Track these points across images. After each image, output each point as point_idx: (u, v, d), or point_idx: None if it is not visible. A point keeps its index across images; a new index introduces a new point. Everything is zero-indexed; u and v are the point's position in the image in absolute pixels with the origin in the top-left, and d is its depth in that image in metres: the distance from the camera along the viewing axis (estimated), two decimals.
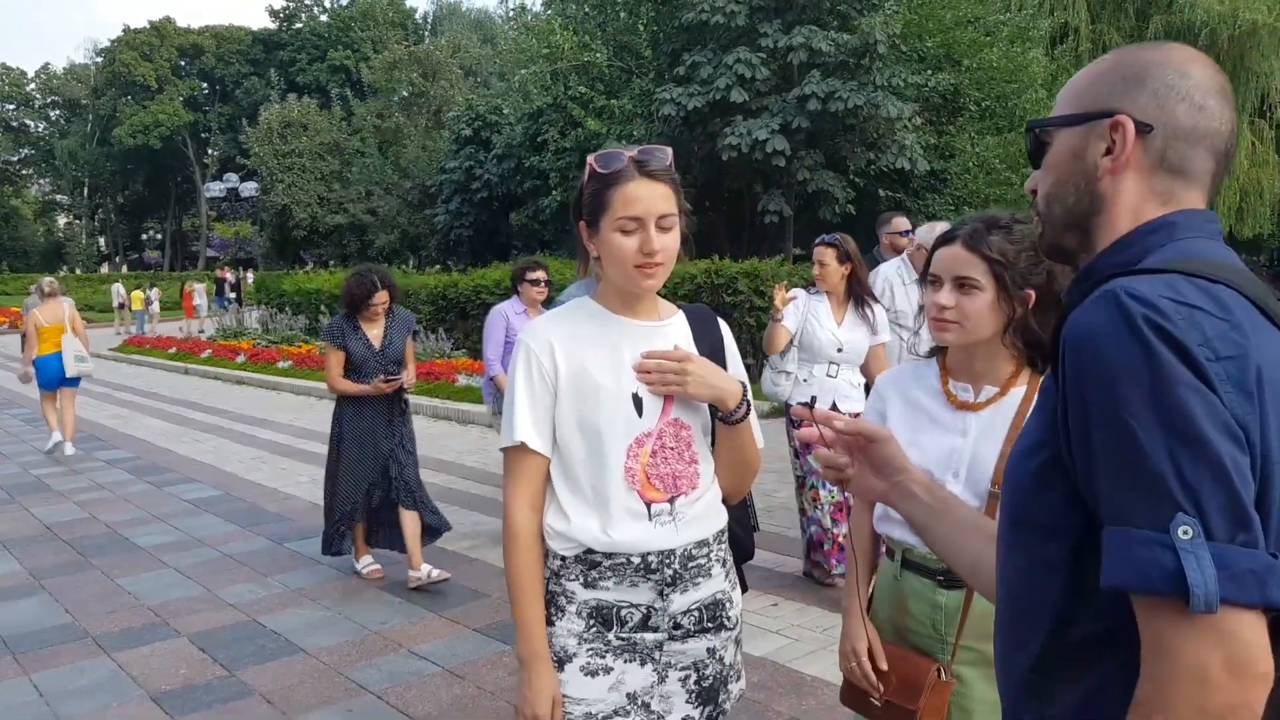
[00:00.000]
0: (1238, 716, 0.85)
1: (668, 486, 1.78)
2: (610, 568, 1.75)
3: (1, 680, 4.05)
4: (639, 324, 1.83)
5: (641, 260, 1.72)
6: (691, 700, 1.82)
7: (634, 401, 1.77)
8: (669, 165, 1.77)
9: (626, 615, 1.77)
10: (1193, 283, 0.93)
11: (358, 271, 5.30)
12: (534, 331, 1.82)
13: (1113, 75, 1.09)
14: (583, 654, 1.76)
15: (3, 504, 7.40)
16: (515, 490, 1.79)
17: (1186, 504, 0.85)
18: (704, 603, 1.82)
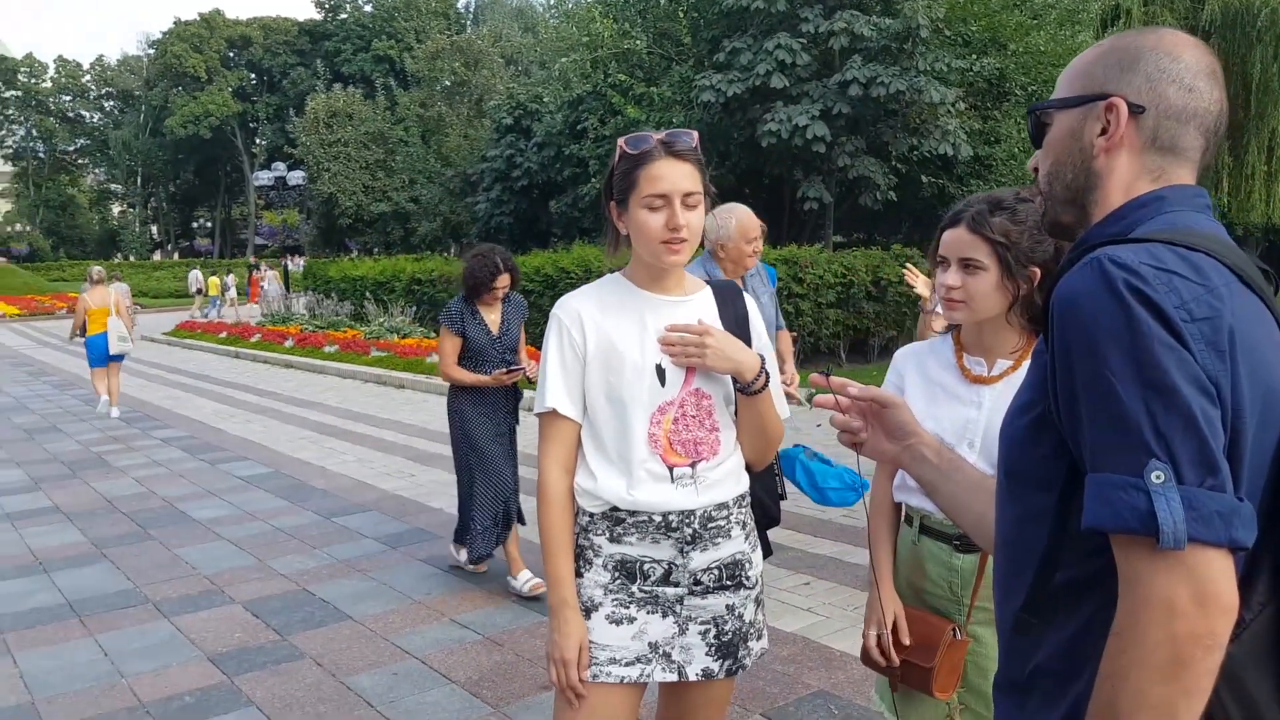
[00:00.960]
0: (1202, 644, 0.93)
1: (689, 452, 1.90)
2: (634, 524, 1.88)
3: (69, 640, 4.29)
4: (664, 299, 1.94)
5: (667, 236, 1.84)
6: (711, 653, 1.93)
7: (657, 372, 1.89)
8: (695, 147, 1.88)
9: (649, 569, 1.89)
10: (1173, 251, 1.01)
11: (479, 252, 4.85)
12: (565, 306, 1.94)
13: (1108, 59, 1.17)
14: (608, 604, 1.89)
15: (65, 478, 7.72)
16: (548, 453, 1.92)
17: (1159, 451, 0.94)
18: (723, 562, 1.93)
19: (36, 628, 4.45)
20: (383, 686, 3.72)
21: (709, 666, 1.93)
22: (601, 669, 1.86)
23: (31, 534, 6.07)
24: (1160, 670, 0.93)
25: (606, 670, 1.86)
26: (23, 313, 31.55)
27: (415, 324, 17.62)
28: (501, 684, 3.71)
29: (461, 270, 4.84)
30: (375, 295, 19.45)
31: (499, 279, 4.72)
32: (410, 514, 6.28)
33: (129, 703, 3.64)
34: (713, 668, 1.93)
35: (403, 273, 19.47)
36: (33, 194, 67.44)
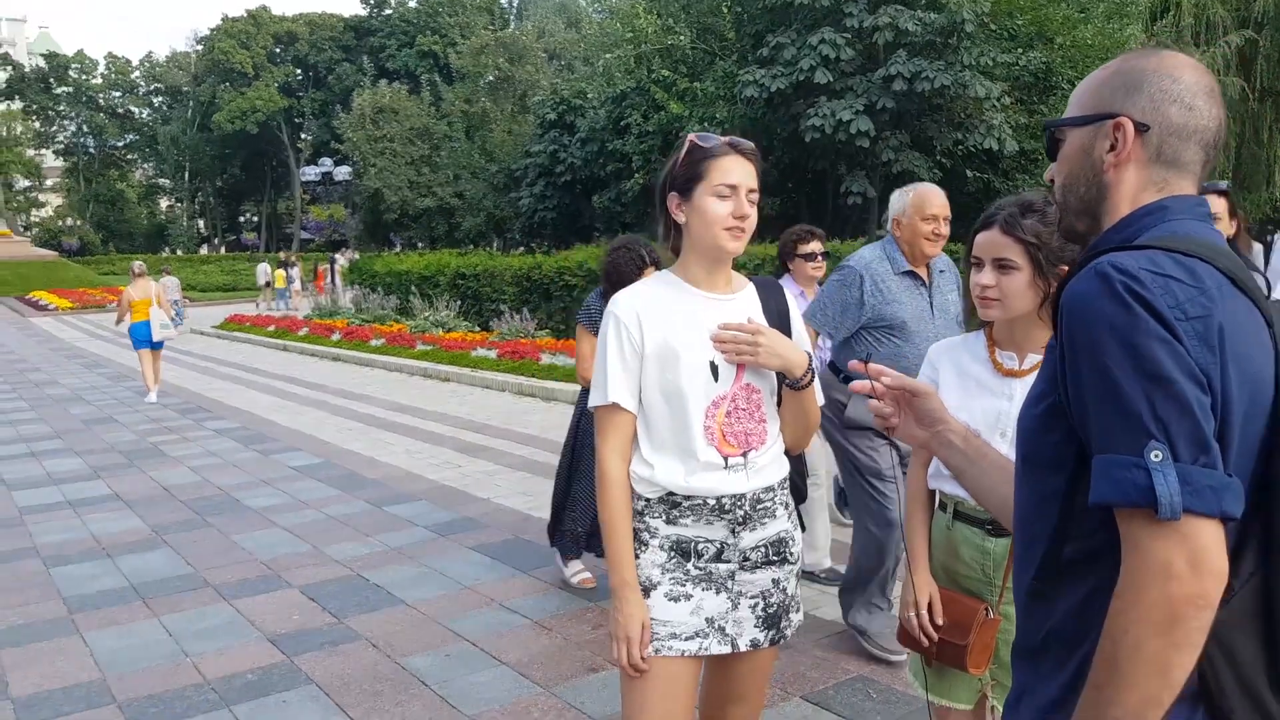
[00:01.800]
0: (1194, 604, 1.03)
1: (741, 443, 2.01)
2: (689, 508, 1.99)
3: (134, 621, 4.46)
4: (714, 296, 2.05)
5: (732, 223, 1.96)
6: (759, 625, 2.06)
7: (711, 368, 1.99)
8: (756, 150, 2.03)
9: (703, 548, 2.00)
10: (1171, 257, 1.11)
11: (624, 244, 4.47)
12: (622, 304, 2.04)
13: (1115, 82, 1.26)
14: (666, 582, 1.99)
15: (123, 468, 7.97)
16: (608, 443, 2.02)
17: (1157, 433, 1.04)
18: (769, 540, 2.05)
19: (103, 609, 4.64)
20: (436, 667, 3.84)
21: (757, 637, 2.05)
22: (663, 644, 1.97)
23: (94, 520, 6.29)
24: (1156, 626, 1.03)
25: (668, 645, 1.97)
26: (74, 306, 32.30)
27: (460, 318, 17.84)
28: (550, 666, 3.81)
29: (602, 264, 4.49)
30: (420, 289, 19.71)
31: (645, 273, 4.26)
32: (459, 503, 6.42)
33: (195, 680, 3.80)
34: (760, 638, 2.06)
35: (447, 267, 19.70)
36: (83, 189, 68.99)
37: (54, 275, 41.94)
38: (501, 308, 16.88)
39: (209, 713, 3.51)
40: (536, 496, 6.40)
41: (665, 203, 2.04)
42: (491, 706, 3.50)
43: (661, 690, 1.97)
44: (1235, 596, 1.08)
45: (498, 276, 17.80)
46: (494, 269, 18.21)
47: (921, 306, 3.60)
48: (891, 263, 3.59)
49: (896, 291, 3.57)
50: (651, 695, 1.97)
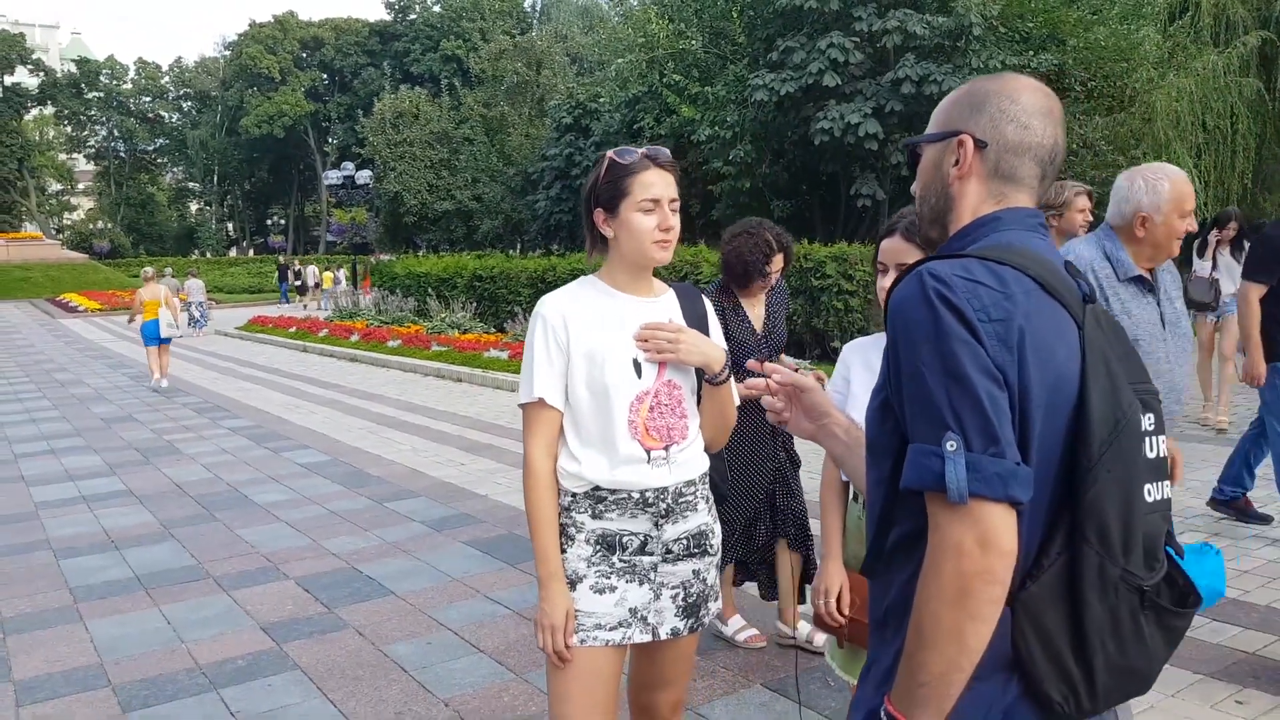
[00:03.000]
0: (983, 579, 1.15)
1: (663, 437, 2.13)
2: (614, 502, 2.10)
3: (136, 611, 4.68)
4: (637, 300, 2.18)
5: (659, 236, 2.08)
6: (679, 614, 2.17)
7: (634, 366, 2.11)
8: (672, 159, 2.15)
9: (627, 541, 2.11)
10: (984, 264, 1.24)
11: (746, 229, 3.77)
12: (549, 305, 2.15)
13: (961, 103, 1.40)
14: (591, 575, 2.10)
15: (139, 465, 8.22)
16: (534, 439, 2.13)
17: (954, 425, 1.17)
18: (691, 533, 2.17)
19: (108, 599, 4.86)
20: (417, 654, 4.02)
21: (677, 626, 2.17)
22: (589, 634, 2.08)
23: (106, 515, 6.53)
24: (950, 599, 1.15)
25: (594, 635, 2.08)
26: (103, 307, 32.88)
27: (476, 319, 18.07)
28: (526, 654, 3.98)
29: (722, 252, 3.83)
30: (438, 291, 19.96)
31: (773, 261, 3.71)
32: (457, 499, 6.60)
33: (187, 665, 4.00)
34: (680, 626, 2.17)
35: (465, 269, 19.95)
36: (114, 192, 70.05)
37: (84, 278, 42.71)
38: (516, 309, 17.09)
39: (198, 695, 3.71)
40: None
41: (591, 217, 2.16)
42: (465, 691, 3.67)
43: (588, 679, 2.08)
44: (1045, 574, 1.20)
45: (513, 278, 18.02)
46: (510, 271, 18.42)
47: (1152, 318, 2.87)
48: (1117, 266, 2.87)
49: (1127, 301, 2.85)
50: (577, 684, 2.08)
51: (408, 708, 3.55)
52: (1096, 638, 1.20)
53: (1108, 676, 1.22)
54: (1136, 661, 1.23)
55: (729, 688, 3.64)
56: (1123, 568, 1.20)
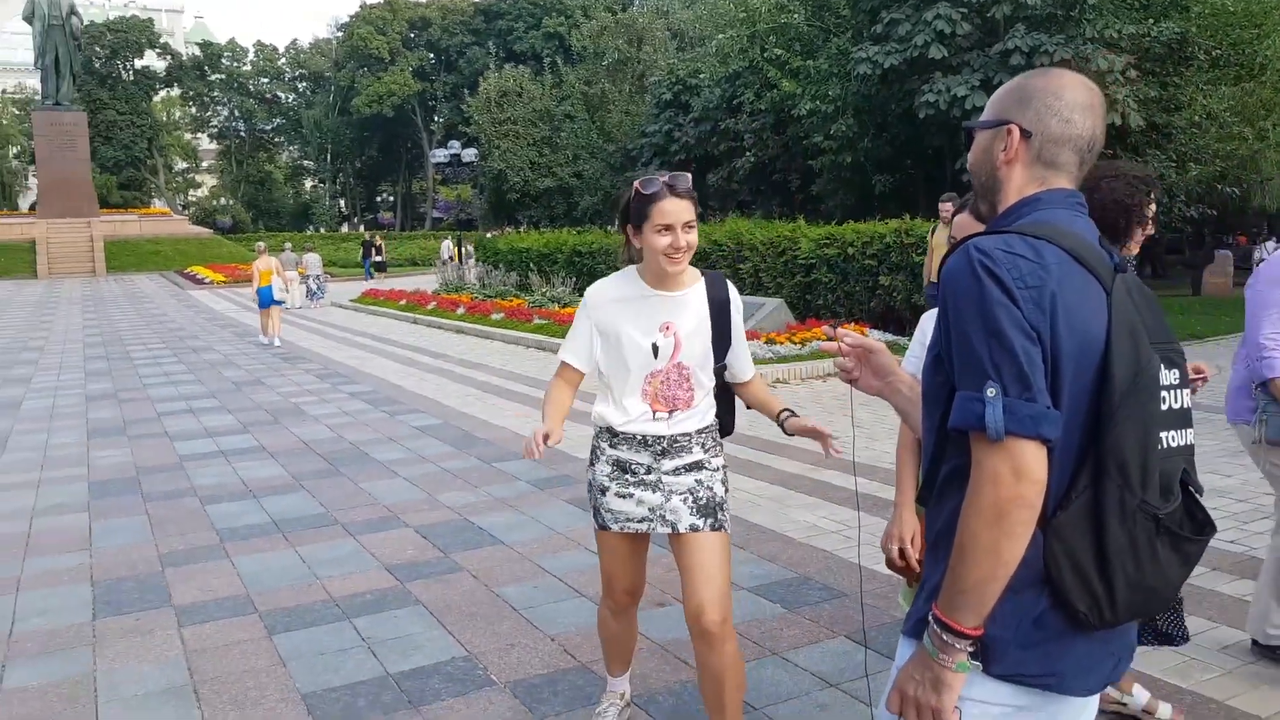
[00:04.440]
0: (1017, 504, 1.37)
1: (668, 404, 2.72)
2: (624, 439, 2.75)
3: (275, 550, 5.18)
4: (664, 294, 2.68)
5: (670, 253, 2.57)
6: (694, 513, 2.71)
7: (653, 349, 2.68)
8: (690, 187, 2.61)
9: (635, 467, 2.75)
10: (1023, 239, 1.46)
11: (1115, 172, 3.02)
12: (595, 292, 2.77)
13: (1012, 95, 1.62)
14: (614, 486, 2.76)
15: (269, 424, 8.87)
16: (555, 379, 2.82)
17: (993, 374, 1.39)
18: (686, 464, 2.75)
19: (250, 540, 5.37)
20: (525, 596, 4.38)
21: (695, 523, 2.71)
22: (622, 524, 2.77)
23: (243, 468, 7.12)
24: (988, 520, 1.38)
25: (624, 525, 2.77)
26: (227, 280, 34.60)
27: (575, 294, 18.52)
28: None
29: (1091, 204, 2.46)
30: (539, 266, 20.49)
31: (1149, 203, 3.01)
32: (558, 462, 6.97)
33: (322, 597, 4.45)
34: (698, 523, 2.71)
35: (565, 245, 20.41)
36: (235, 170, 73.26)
37: (209, 251, 44.88)
38: None
39: (333, 623, 4.15)
40: None
41: (624, 230, 2.67)
42: (569, 630, 4.01)
43: (622, 553, 2.86)
44: (1073, 504, 1.42)
45: (612, 254, 18.36)
46: (608, 246, 18.79)
47: None
48: None
49: None
50: (614, 556, 2.87)
51: (518, 640, 3.91)
52: (1117, 558, 1.41)
53: (1127, 592, 1.42)
54: (1153, 580, 1.44)
55: (813, 637, 3.88)
56: (1140, 498, 1.41)
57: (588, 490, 2.88)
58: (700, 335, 2.70)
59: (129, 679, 3.65)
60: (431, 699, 3.42)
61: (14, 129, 68.53)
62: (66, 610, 4.38)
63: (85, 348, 16.44)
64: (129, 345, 16.64)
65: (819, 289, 13.99)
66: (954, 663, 1.43)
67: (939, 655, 1.44)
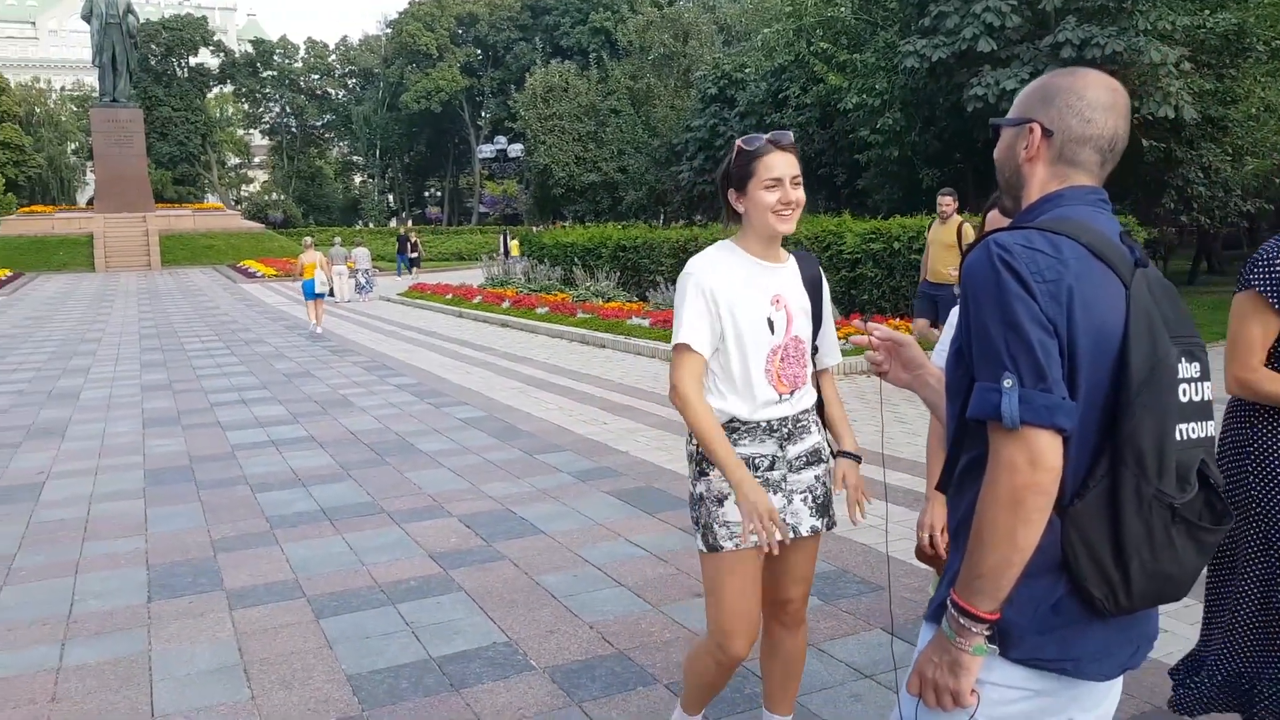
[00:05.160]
0: (1032, 491, 1.40)
1: (791, 383, 2.53)
2: (747, 431, 2.48)
3: (322, 537, 5.31)
4: (769, 264, 2.52)
5: (780, 208, 2.41)
6: (814, 514, 2.56)
7: (768, 323, 2.47)
8: (794, 142, 2.47)
9: (759, 462, 2.49)
10: (1043, 235, 1.49)
11: None
12: (699, 267, 2.48)
13: (1035, 95, 1.64)
14: (733, 494, 2.40)
15: (318, 414, 9.06)
16: (683, 376, 2.43)
17: (1010, 366, 1.42)
18: (808, 450, 2.56)
19: (299, 526, 5.51)
20: (565, 585, 4.45)
21: (815, 524, 2.56)
22: (736, 539, 2.44)
23: (292, 457, 7.29)
24: (1005, 507, 1.41)
25: (749, 539, 2.34)
26: (278, 273, 35.22)
27: (619, 288, 18.59)
28: (662, 590, 4.35)
29: None
30: (584, 261, 20.60)
31: None
32: (600, 454, 7.04)
33: (368, 583, 4.56)
34: (818, 524, 2.57)
35: (609, 240, 20.50)
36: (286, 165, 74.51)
37: (261, 245, 45.72)
38: (658, 279, 17.50)
39: (378, 608, 4.25)
40: (670, 451, 6.98)
41: (726, 196, 2.50)
42: (607, 618, 4.07)
43: (742, 576, 2.49)
44: (1090, 493, 1.45)
45: (656, 249, 18.41)
46: (653, 241, 18.83)
47: None
48: None
49: None
50: (733, 578, 2.48)
51: (557, 627, 3.98)
52: (1132, 545, 1.43)
53: (1143, 579, 1.44)
54: (1169, 567, 1.45)
55: (849, 629, 3.91)
56: (1156, 488, 1.42)
57: (693, 507, 2.55)
58: (804, 310, 2.55)
59: (181, 659, 3.79)
60: (473, 682, 3.50)
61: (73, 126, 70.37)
62: (123, 593, 4.54)
63: (141, 339, 16.88)
64: (183, 337, 17.05)
65: (864, 284, 13.90)
66: (971, 646, 1.47)
67: (956, 639, 1.48)
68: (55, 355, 14.92)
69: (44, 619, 4.24)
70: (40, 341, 17.08)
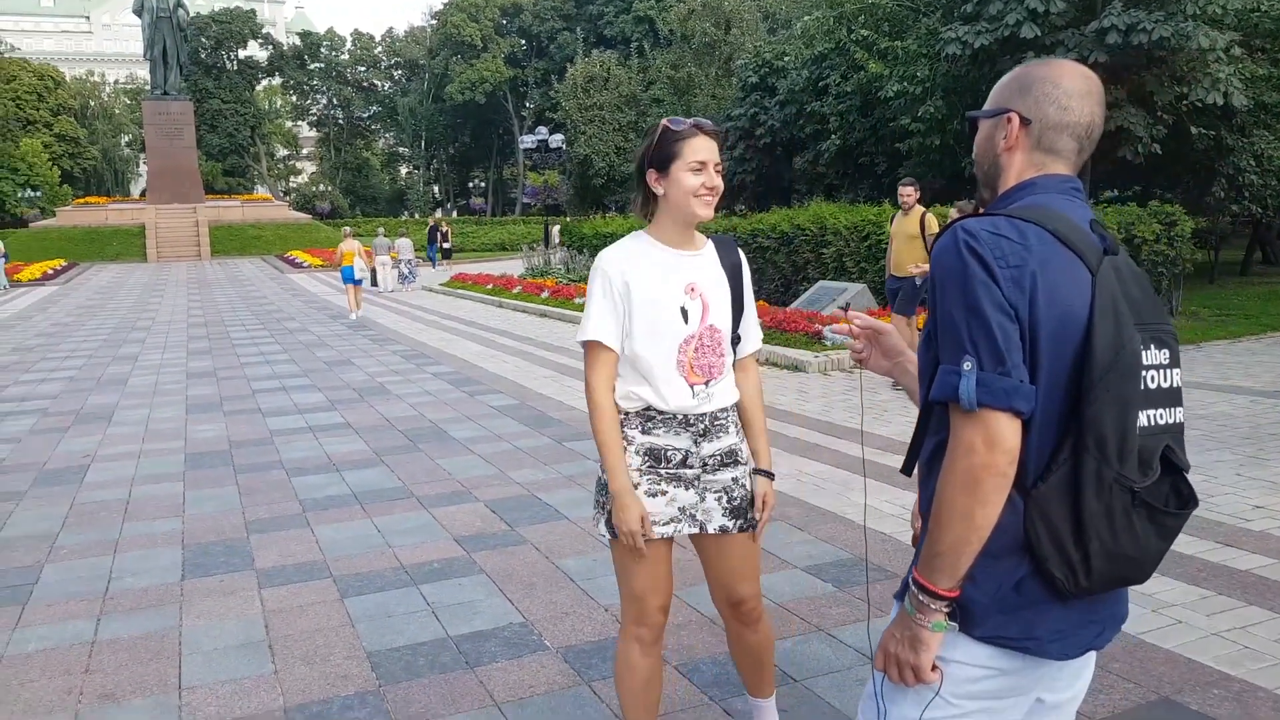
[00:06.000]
0: (989, 472, 1.43)
1: (704, 373, 2.49)
2: (662, 421, 2.47)
3: (353, 520, 5.43)
4: (683, 254, 2.49)
5: (703, 192, 2.39)
6: (726, 514, 2.52)
7: (682, 313, 2.45)
8: (717, 129, 2.48)
9: (671, 455, 2.47)
10: (1010, 221, 1.51)
11: None
12: (608, 259, 2.48)
13: (1012, 85, 1.66)
14: (644, 482, 2.47)
15: (355, 401, 9.23)
16: (595, 375, 2.47)
17: (970, 349, 1.45)
18: (723, 450, 2.53)
19: (330, 510, 5.65)
20: (584, 568, 4.53)
21: (725, 524, 2.52)
22: None
23: (328, 443, 7.45)
24: (962, 487, 1.45)
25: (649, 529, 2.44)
26: (324, 263, 35.74)
27: None
28: (678, 574, 4.36)
29: None
30: None
31: None
32: None
33: (393, 564, 4.67)
34: (729, 525, 2.52)
35: None
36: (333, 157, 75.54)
37: (308, 236, 46.42)
38: None
39: (401, 588, 4.36)
40: None
41: (644, 178, 2.47)
42: None
43: (647, 563, 2.50)
44: (1053, 476, 1.47)
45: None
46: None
47: None
48: None
49: None
50: (640, 566, 2.50)
51: (573, 609, 4.05)
52: (1092, 528, 1.45)
53: (1103, 561, 1.46)
54: (1129, 550, 1.47)
55: (861, 615, 3.93)
56: (1117, 471, 1.44)
57: (599, 492, 2.55)
58: (723, 298, 2.51)
59: (210, 635, 3.92)
60: (486, 660, 3.59)
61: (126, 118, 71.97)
62: (158, 571, 4.70)
63: (189, 328, 17.27)
64: (229, 326, 17.41)
65: None
66: (930, 622, 1.50)
67: (916, 615, 1.51)
68: (106, 343, 15.33)
69: (82, 595, 4.40)
70: (93, 330, 17.55)
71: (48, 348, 14.81)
